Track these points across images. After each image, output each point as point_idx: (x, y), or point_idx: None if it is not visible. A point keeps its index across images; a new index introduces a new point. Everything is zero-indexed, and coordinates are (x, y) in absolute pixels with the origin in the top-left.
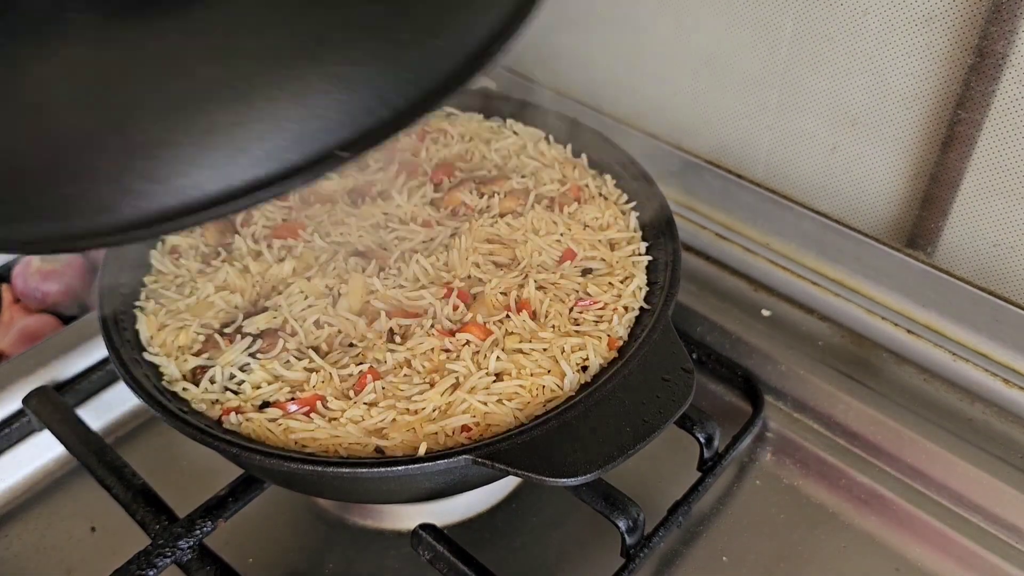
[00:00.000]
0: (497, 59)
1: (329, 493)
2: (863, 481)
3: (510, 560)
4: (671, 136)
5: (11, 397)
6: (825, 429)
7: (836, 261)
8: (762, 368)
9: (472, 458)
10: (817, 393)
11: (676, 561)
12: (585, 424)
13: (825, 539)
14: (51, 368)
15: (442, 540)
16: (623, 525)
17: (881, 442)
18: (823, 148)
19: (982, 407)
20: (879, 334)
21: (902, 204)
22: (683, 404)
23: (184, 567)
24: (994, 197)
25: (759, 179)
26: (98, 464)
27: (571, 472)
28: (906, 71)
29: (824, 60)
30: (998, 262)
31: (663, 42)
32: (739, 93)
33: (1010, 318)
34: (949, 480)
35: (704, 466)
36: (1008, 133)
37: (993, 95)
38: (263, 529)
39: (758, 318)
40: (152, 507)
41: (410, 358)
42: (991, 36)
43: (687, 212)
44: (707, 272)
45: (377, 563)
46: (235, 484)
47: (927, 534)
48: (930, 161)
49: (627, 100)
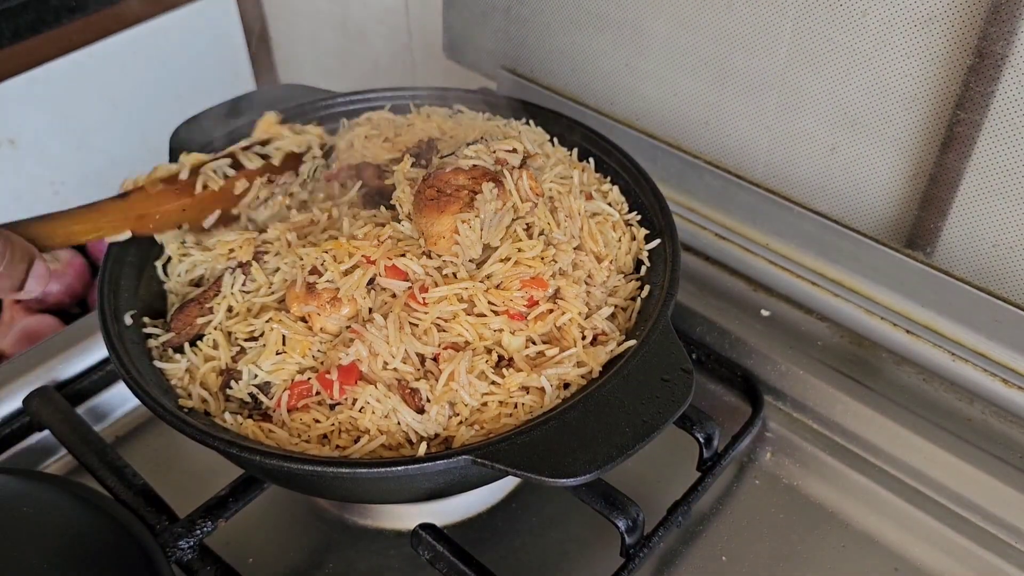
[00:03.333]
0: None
1: (329, 493)
2: (862, 481)
3: (510, 560)
4: (671, 136)
5: (11, 397)
6: (824, 429)
7: (836, 261)
8: (762, 368)
9: (472, 458)
10: (816, 393)
11: (676, 561)
12: (585, 424)
13: (824, 539)
14: (51, 368)
15: (442, 540)
16: (623, 525)
17: (880, 442)
18: (822, 148)
19: (981, 407)
20: (879, 334)
21: (901, 204)
22: (683, 404)
23: (185, 567)
24: (993, 197)
25: (758, 179)
26: (98, 464)
27: (571, 472)
28: (905, 72)
29: (824, 61)
30: (997, 262)
31: (663, 42)
32: (739, 93)
33: (1009, 318)
34: (948, 480)
35: (704, 466)
36: (1007, 133)
37: (992, 96)
38: (263, 529)
39: (758, 318)
40: (152, 507)
41: None
42: (990, 37)
43: (687, 212)
44: (707, 272)
45: (377, 563)
46: (235, 484)
47: (926, 534)
48: (929, 162)
49: (627, 100)
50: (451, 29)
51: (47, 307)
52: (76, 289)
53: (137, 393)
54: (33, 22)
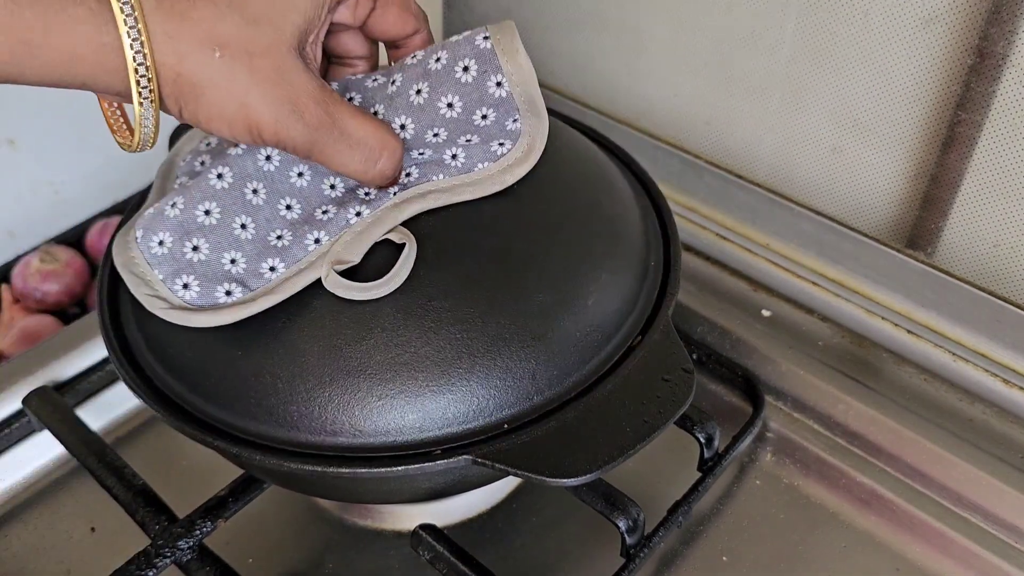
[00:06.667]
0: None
1: (329, 493)
2: (863, 481)
3: (510, 560)
4: (672, 136)
5: (11, 397)
6: (825, 429)
7: (836, 261)
8: (762, 368)
9: (472, 458)
10: (817, 393)
11: (676, 561)
12: (585, 424)
13: (825, 539)
14: (51, 368)
15: (442, 540)
16: (623, 525)
17: (881, 442)
18: (825, 149)
19: (982, 407)
20: (879, 334)
21: (902, 205)
22: (683, 404)
23: (184, 567)
24: (994, 198)
25: (760, 180)
26: (98, 464)
27: (571, 472)
28: (907, 72)
29: (826, 61)
30: (998, 262)
31: (663, 42)
32: (740, 94)
33: (1010, 318)
34: (949, 480)
35: (704, 466)
36: (1008, 134)
37: (993, 96)
38: (263, 529)
39: (758, 318)
40: (152, 507)
41: None
42: (991, 37)
43: (687, 212)
44: (707, 272)
45: (377, 563)
46: (235, 484)
47: (927, 534)
48: (930, 162)
49: (627, 100)
50: (451, 29)
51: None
52: (75, 289)
53: (137, 393)
54: None
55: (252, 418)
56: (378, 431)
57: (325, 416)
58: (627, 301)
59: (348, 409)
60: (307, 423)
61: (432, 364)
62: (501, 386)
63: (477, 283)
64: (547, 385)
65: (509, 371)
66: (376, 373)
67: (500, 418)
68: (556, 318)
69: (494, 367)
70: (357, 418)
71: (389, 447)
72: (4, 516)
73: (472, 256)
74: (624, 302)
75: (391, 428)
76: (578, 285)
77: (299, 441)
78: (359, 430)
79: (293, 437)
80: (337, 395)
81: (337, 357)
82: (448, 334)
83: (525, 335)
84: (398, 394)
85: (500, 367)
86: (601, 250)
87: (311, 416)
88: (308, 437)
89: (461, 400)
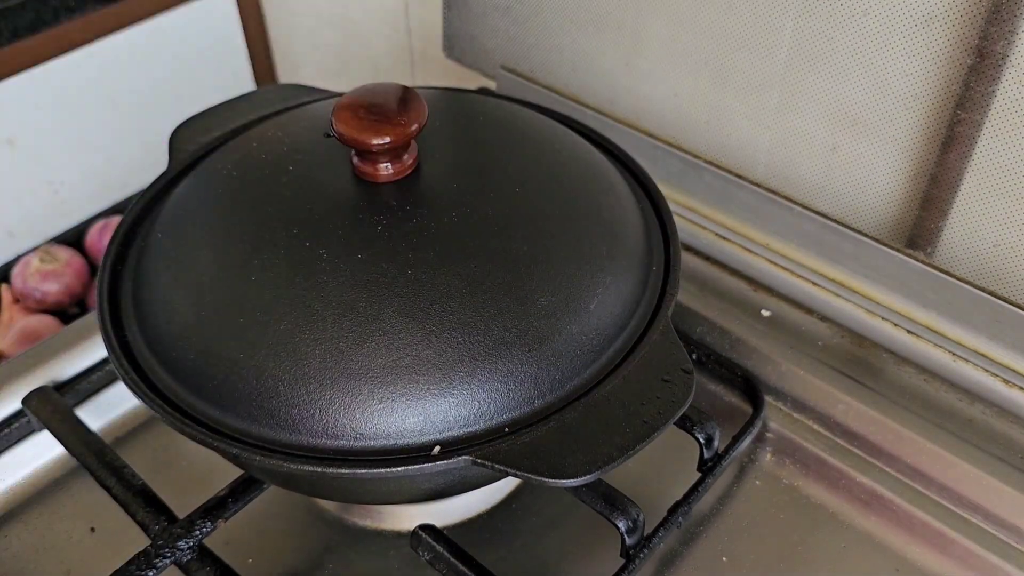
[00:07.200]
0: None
1: (329, 493)
2: (863, 481)
3: (510, 560)
4: (671, 136)
5: (11, 397)
6: (825, 429)
7: (836, 261)
8: (762, 368)
9: (471, 459)
10: (817, 393)
11: (676, 561)
12: (585, 425)
13: (825, 539)
14: (51, 368)
15: (442, 540)
16: (623, 526)
17: (881, 442)
18: (823, 148)
19: (982, 407)
20: (879, 334)
21: (902, 204)
22: (683, 405)
23: (184, 568)
24: (994, 197)
25: (759, 179)
26: (98, 464)
27: (571, 473)
28: (906, 71)
29: (824, 60)
30: (998, 262)
31: (663, 41)
32: (739, 93)
33: (1010, 318)
34: (949, 480)
35: (704, 466)
36: (1008, 133)
37: (993, 95)
38: (263, 529)
39: (758, 318)
40: (152, 507)
41: None
42: (991, 37)
43: (687, 212)
44: (707, 272)
45: (377, 563)
46: (235, 484)
47: (927, 534)
48: (930, 161)
49: (626, 100)
50: (451, 29)
51: (46, 307)
52: (75, 289)
53: (137, 393)
54: (32, 21)
55: (253, 420)
56: (379, 434)
57: (326, 419)
58: (628, 304)
59: (349, 412)
60: (308, 426)
61: (434, 368)
62: (503, 390)
63: (480, 285)
64: (549, 389)
65: (511, 375)
66: (378, 376)
67: (501, 422)
68: (559, 322)
69: (496, 371)
70: (358, 421)
71: (389, 450)
72: (4, 516)
73: (474, 258)
74: (626, 305)
75: (392, 431)
76: (581, 288)
77: (300, 444)
78: (360, 433)
79: (294, 440)
80: (338, 398)
81: (339, 360)
82: (450, 337)
83: (528, 339)
84: (399, 397)
85: (502, 371)
86: (603, 252)
87: (312, 419)
88: (309, 440)
89: (462, 404)
